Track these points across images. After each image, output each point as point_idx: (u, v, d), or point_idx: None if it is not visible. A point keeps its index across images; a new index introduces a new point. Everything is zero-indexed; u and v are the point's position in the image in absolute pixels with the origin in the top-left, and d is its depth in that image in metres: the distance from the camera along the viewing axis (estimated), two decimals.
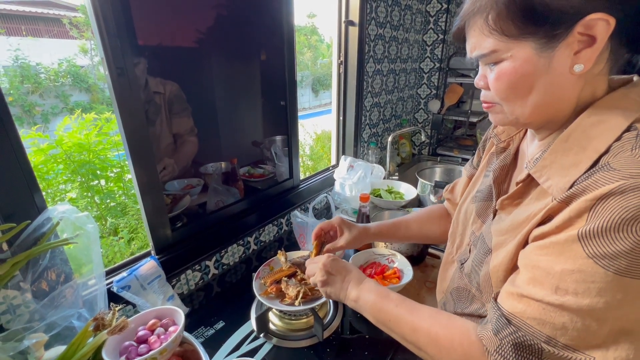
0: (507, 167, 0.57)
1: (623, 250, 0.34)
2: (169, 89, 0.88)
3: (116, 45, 0.68)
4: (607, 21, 0.37)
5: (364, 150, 1.69)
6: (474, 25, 0.44)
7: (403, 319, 0.55)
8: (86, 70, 6.26)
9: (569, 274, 0.37)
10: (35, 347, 0.54)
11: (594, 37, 0.38)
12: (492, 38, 0.43)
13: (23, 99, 5.42)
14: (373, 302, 0.59)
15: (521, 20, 0.40)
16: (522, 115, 0.46)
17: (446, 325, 0.50)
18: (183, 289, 0.92)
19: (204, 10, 0.89)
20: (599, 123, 0.41)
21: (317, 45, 11.26)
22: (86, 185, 2.06)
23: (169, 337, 0.61)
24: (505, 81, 0.44)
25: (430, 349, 0.51)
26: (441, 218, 0.86)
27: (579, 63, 0.40)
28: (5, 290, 0.58)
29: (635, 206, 0.33)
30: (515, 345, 0.41)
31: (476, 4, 0.43)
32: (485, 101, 0.50)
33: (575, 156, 0.41)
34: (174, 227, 0.90)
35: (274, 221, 1.19)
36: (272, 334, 0.83)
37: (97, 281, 0.68)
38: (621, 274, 0.34)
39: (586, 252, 0.36)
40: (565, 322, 0.38)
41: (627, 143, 0.37)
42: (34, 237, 0.60)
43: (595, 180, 0.37)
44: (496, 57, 0.43)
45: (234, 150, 1.14)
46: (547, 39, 0.40)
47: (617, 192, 0.35)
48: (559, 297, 0.38)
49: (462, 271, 0.60)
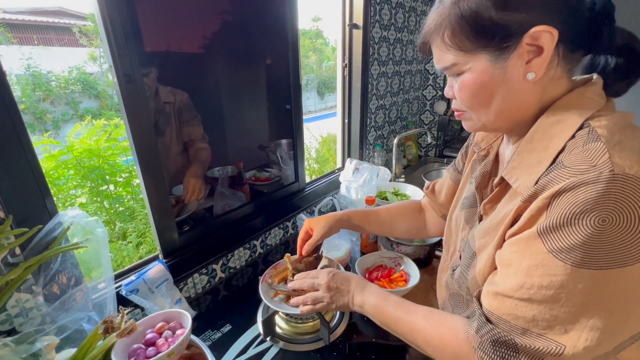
0: (489, 174, 0.59)
1: (576, 243, 0.36)
2: (178, 98, 0.89)
3: (124, 52, 0.69)
4: (550, 32, 0.40)
5: (369, 153, 1.69)
6: (435, 42, 0.49)
7: (401, 320, 0.58)
8: (95, 77, 6.39)
9: (534, 269, 0.40)
10: (47, 349, 0.54)
11: (541, 47, 0.41)
12: (451, 53, 0.46)
13: (35, 106, 5.55)
14: (375, 305, 0.62)
15: (473, 36, 0.44)
16: (488, 121, 0.49)
17: (438, 325, 0.53)
18: (190, 292, 0.93)
19: (210, 17, 0.91)
20: (557, 122, 0.44)
21: (322, 48, 11.31)
22: (96, 190, 2.09)
23: (177, 340, 0.61)
24: (467, 91, 0.47)
25: (426, 348, 0.54)
26: (412, 213, 0.89)
27: (530, 71, 0.43)
28: (18, 294, 0.59)
29: (582, 201, 0.36)
30: (493, 342, 0.44)
31: (432, 24, 0.48)
32: (455, 109, 0.53)
33: (539, 154, 0.44)
34: (181, 231, 0.91)
35: (280, 224, 1.19)
36: (279, 338, 0.83)
37: (106, 285, 0.69)
38: (577, 265, 0.36)
39: (546, 247, 0.39)
40: (535, 315, 0.40)
41: (579, 140, 0.40)
42: (45, 242, 0.62)
43: (551, 178, 0.40)
44: (457, 69, 0.47)
45: (240, 154, 1.15)
46: (499, 51, 0.43)
47: (568, 188, 0.37)
48: (526, 291, 0.41)
49: (453, 277, 0.61)
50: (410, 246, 1.04)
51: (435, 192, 0.84)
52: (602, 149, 0.37)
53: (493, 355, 0.43)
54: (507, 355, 0.42)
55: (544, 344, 0.39)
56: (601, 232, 0.35)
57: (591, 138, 0.39)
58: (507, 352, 0.42)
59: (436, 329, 0.53)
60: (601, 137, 0.39)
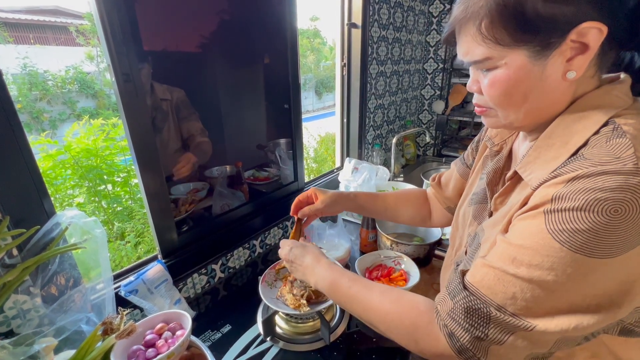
0: (501, 170, 0.57)
1: (582, 228, 0.35)
2: (175, 95, 0.89)
3: (122, 51, 0.69)
4: (599, 29, 0.38)
5: (368, 152, 1.69)
6: (466, 32, 0.44)
7: (356, 297, 0.56)
8: (92, 76, 6.35)
9: (528, 246, 0.39)
10: (45, 351, 0.54)
11: (587, 45, 0.39)
12: (485, 46, 0.42)
13: (32, 105, 5.51)
14: (329, 282, 0.61)
15: (514, 29, 0.40)
16: (517, 120, 0.46)
17: (395, 300, 0.52)
18: (190, 292, 0.93)
19: (208, 16, 0.90)
20: (580, 119, 0.42)
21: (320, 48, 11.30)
22: (93, 190, 2.08)
23: (177, 341, 0.61)
24: (499, 88, 0.44)
25: (381, 325, 0.52)
26: (418, 201, 0.88)
27: (571, 70, 0.40)
28: (15, 295, 0.58)
29: (600, 188, 0.35)
30: (466, 309, 0.43)
31: (468, 11, 0.43)
32: (478, 105, 0.51)
33: (557, 150, 0.42)
34: (180, 231, 0.91)
35: (279, 224, 1.19)
36: (279, 338, 0.83)
37: (105, 285, 0.68)
38: (575, 250, 0.36)
39: (547, 227, 0.38)
40: (516, 292, 0.39)
41: (603, 136, 0.39)
42: (43, 243, 0.61)
43: (567, 168, 0.39)
44: (490, 64, 0.43)
45: (238, 153, 1.15)
46: (541, 47, 0.40)
47: (586, 175, 0.36)
48: (514, 267, 0.40)
49: (456, 272, 0.61)
50: (410, 245, 1.04)
51: (441, 185, 0.82)
52: (628, 144, 0.36)
53: (463, 323, 0.42)
54: (476, 323, 0.41)
55: (515, 320, 0.39)
56: (610, 221, 0.34)
57: (616, 134, 0.38)
58: (478, 321, 0.41)
59: (393, 304, 0.51)
60: (627, 134, 0.37)
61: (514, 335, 0.40)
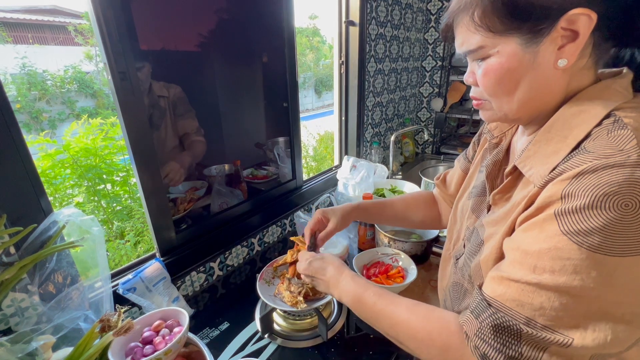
0: (500, 163, 0.57)
1: (596, 226, 0.34)
2: (172, 92, 0.89)
3: (118, 50, 0.69)
4: (589, 16, 0.38)
5: (366, 150, 1.69)
6: (461, 22, 0.45)
7: (382, 313, 0.54)
8: (91, 76, 6.34)
9: (546, 252, 0.37)
10: (43, 348, 0.54)
11: (577, 32, 0.39)
12: (479, 34, 0.44)
13: (30, 105, 5.50)
14: (353, 297, 0.59)
15: (505, 16, 0.41)
16: (510, 111, 0.47)
17: (424, 317, 0.50)
18: (188, 290, 0.93)
19: (205, 15, 0.90)
20: (580, 113, 0.42)
21: (319, 46, 11.26)
22: (93, 190, 2.09)
23: (174, 338, 0.61)
24: (493, 77, 0.45)
25: (410, 343, 0.50)
26: (426, 203, 0.87)
27: (562, 58, 0.41)
28: (13, 293, 0.59)
29: (607, 183, 0.34)
30: (494, 327, 0.40)
31: (462, 2, 0.44)
32: (474, 98, 0.51)
33: (556, 145, 0.42)
34: (179, 229, 0.91)
35: (278, 222, 1.19)
36: (277, 335, 0.84)
37: (103, 283, 0.69)
38: (594, 250, 0.34)
39: (561, 230, 0.36)
40: (543, 302, 0.37)
41: (604, 128, 0.39)
42: (40, 241, 0.61)
43: (571, 163, 0.38)
44: (483, 52, 0.44)
45: (237, 152, 1.15)
46: (531, 34, 0.41)
47: (591, 170, 0.35)
48: (536, 275, 0.38)
49: (456, 266, 0.60)
50: (408, 242, 1.04)
51: (446, 183, 0.82)
52: (630, 136, 0.36)
53: (493, 342, 0.40)
54: (508, 342, 0.39)
55: (549, 335, 0.37)
56: (623, 217, 0.33)
57: (617, 126, 0.38)
58: (509, 339, 0.39)
59: (423, 321, 0.49)
60: (628, 126, 0.37)
61: (547, 353, 0.38)
